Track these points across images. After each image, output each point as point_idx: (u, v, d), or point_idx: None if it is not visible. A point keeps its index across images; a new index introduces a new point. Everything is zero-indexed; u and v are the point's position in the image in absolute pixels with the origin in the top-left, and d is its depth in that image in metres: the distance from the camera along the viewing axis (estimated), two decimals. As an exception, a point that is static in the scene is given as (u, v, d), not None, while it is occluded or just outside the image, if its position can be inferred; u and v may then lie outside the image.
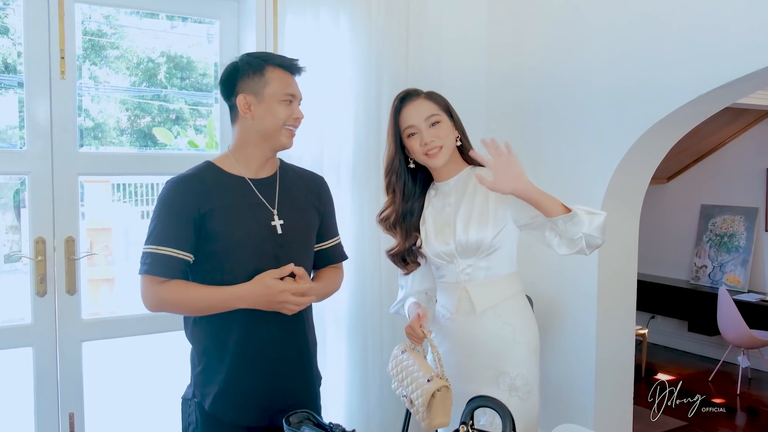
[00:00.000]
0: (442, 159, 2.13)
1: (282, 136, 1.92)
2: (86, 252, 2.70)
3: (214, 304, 1.83)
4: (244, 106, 1.90)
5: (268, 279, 1.82)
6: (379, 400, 2.99)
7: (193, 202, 1.84)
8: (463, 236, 2.12)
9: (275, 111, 1.89)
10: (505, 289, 2.15)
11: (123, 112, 3.50)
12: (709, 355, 6.29)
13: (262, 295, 1.82)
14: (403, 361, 2.12)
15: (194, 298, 1.83)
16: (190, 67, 3.51)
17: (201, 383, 1.91)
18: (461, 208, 2.16)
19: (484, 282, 2.15)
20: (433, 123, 2.12)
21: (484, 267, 2.15)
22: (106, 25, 3.37)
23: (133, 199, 5.73)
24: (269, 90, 1.88)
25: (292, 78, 1.94)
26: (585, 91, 2.80)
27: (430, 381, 1.95)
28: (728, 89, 2.44)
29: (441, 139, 2.11)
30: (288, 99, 1.90)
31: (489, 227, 2.09)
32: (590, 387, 2.83)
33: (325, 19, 2.82)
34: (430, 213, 2.24)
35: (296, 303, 1.84)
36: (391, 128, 2.18)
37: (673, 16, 2.49)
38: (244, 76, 1.91)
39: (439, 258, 2.21)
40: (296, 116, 1.93)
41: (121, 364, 3.75)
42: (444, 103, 2.18)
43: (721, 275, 6.19)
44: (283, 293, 1.81)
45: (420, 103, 2.15)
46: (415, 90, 2.21)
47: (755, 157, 6.07)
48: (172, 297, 1.83)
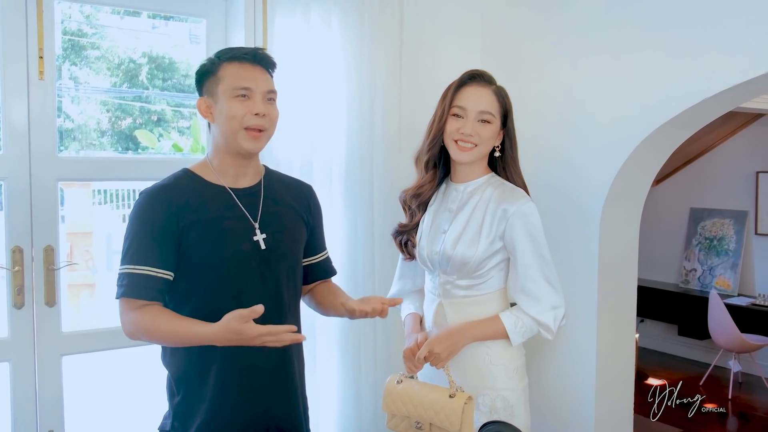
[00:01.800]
0: (468, 157, 2.02)
1: (240, 139, 1.72)
2: (66, 261, 2.57)
3: (185, 339, 1.66)
4: (204, 109, 1.78)
5: (235, 324, 1.55)
6: (373, 417, 2.89)
7: (171, 215, 1.69)
8: (450, 250, 2.02)
9: (228, 109, 1.71)
10: (486, 308, 2.04)
11: (104, 113, 3.42)
12: (700, 359, 6.27)
13: (231, 340, 1.58)
14: (405, 392, 2.00)
15: (165, 331, 1.65)
16: (172, 68, 3.42)
17: (181, 414, 1.76)
18: (457, 219, 2.06)
19: (463, 300, 2.05)
20: (483, 120, 2.00)
21: (463, 286, 2.04)
22: (87, 24, 3.28)
23: (114, 203, 5.62)
24: (221, 87, 1.73)
25: (250, 70, 1.74)
26: (586, 93, 2.73)
27: (452, 397, 1.90)
28: (734, 92, 2.38)
29: (480, 139, 2.00)
30: (241, 93, 1.71)
31: (479, 247, 1.99)
32: (590, 398, 2.75)
33: (316, 19, 2.71)
34: (431, 212, 2.14)
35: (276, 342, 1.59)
36: (447, 100, 2.04)
37: (677, 15, 2.42)
38: (204, 77, 1.78)
39: (425, 264, 2.13)
40: (255, 111, 1.71)
41: (103, 379, 3.63)
42: (506, 108, 2.05)
43: (711, 279, 6.17)
44: (258, 338, 1.57)
45: (484, 93, 2.02)
46: (489, 77, 2.07)
47: (745, 160, 6.06)
48: (146, 326, 1.66)
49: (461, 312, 2.05)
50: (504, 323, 1.98)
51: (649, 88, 2.52)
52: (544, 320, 1.98)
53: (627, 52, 2.57)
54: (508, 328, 1.97)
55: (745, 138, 6.07)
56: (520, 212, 1.97)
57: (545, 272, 1.99)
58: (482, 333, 1.99)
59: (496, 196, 2.02)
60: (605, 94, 2.66)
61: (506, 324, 1.98)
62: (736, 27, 2.25)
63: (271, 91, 1.78)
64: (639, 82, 2.54)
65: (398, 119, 2.90)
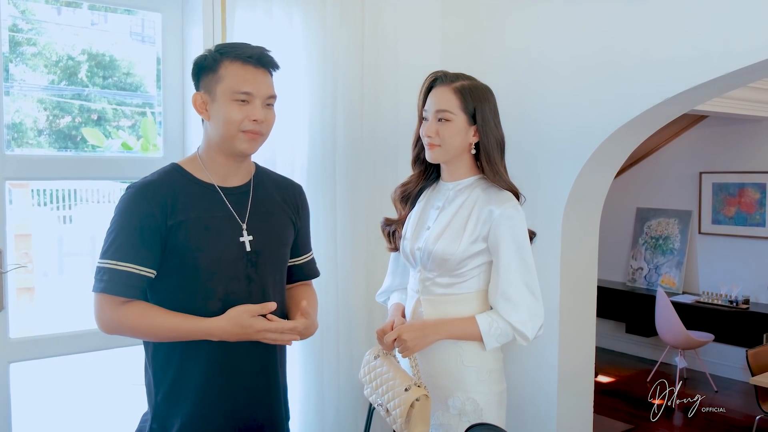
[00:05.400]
0: (434, 156, 2.02)
1: (238, 142, 1.69)
2: (14, 264, 2.45)
3: (179, 334, 1.64)
4: (200, 105, 1.72)
5: (245, 318, 1.62)
6: (335, 421, 2.85)
7: (158, 213, 1.63)
8: (432, 245, 2.00)
9: (226, 112, 1.66)
10: (463, 308, 2.01)
11: (41, 111, 3.30)
12: (647, 356, 6.40)
13: (236, 334, 1.62)
14: (377, 367, 2.01)
15: (158, 326, 1.63)
16: (113, 65, 3.33)
17: (162, 415, 1.71)
18: (441, 215, 2.05)
19: (440, 298, 2.03)
20: (440, 119, 1.98)
21: (443, 284, 2.02)
22: (22, 20, 3.16)
23: (54, 204, 5.42)
24: (221, 87, 1.67)
25: (253, 73, 1.69)
26: (548, 93, 2.73)
27: (408, 390, 1.86)
28: (692, 94, 2.42)
29: (440, 138, 1.98)
30: (241, 98, 1.66)
31: (460, 244, 1.96)
32: (552, 398, 2.76)
33: (278, 15, 2.65)
34: (418, 209, 2.13)
35: (275, 339, 1.66)
36: (418, 105, 2.07)
37: (638, 19, 2.45)
38: (202, 71, 1.72)
39: (407, 259, 2.12)
40: (254, 117, 1.67)
41: (54, 387, 3.48)
42: (472, 104, 1.98)
43: (657, 277, 6.32)
44: (262, 333, 1.63)
45: (441, 93, 1.99)
46: (450, 76, 2.03)
47: (689, 161, 6.22)
48: (131, 322, 1.62)
49: (438, 310, 2.02)
50: (479, 325, 1.95)
51: (610, 88, 2.54)
52: (520, 327, 1.95)
53: (590, 53, 2.59)
54: (482, 330, 1.94)
55: (688, 139, 6.24)
56: (506, 215, 1.94)
57: (526, 279, 1.96)
58: (455, 331, 1.97)
59: (484, 197, 2.00)
60: (567, 94, 2.67)
61: (481, 326, 1.95)
62: (692, 32, 2.29)
63: (271, 96, 1.74)
64: (600, 82, 2.57)
65: (360, 116, 2.87)
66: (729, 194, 5.95)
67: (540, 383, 2.80)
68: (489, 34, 2.96)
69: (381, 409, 1.97)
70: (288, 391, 1.94)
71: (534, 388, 2.82)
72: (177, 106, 2.69)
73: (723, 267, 6.03)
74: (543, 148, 2.76)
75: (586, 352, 2.90)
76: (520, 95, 2.82)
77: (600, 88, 2.57)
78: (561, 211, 2.71)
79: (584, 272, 2.87)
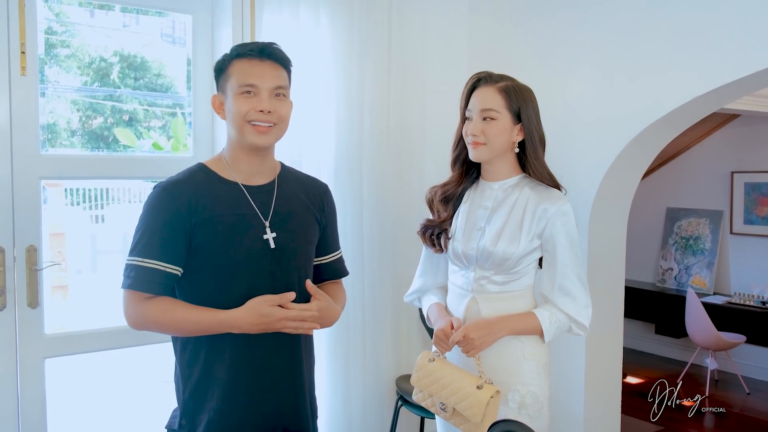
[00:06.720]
0: (479, 155, 2.05)
1: (247, 134, 1.71)
2: (49, 262, 2.51)
3: (201, 327, 1.67)
4: (217, 106, 1.79)
5: (264, 307, 1.65)
6: (362, 419, 2.87)
7: (183, 211, 1.67)
8: (491, 246, 2.03)
9: (233, 106, 1.71)
10: (518, 304, 2.06)
11: (74, 112, 3.37)
12: (677, 357, 6.33)
13: (256, 324, 1.65)
14: (436, 370, 2.03)
15: (181, 320, 1.66)
16: (144, 67, 3.38)
17: (190, 410, 1.74)
18: (495, 216, 2.07)
19: (496, 296, 2.06)
20: (485, 118, 2.01)
21: (499, 282, 2.06)
22: (56, 22, 3.23)
23: (86, 203, 5.51)
24: (230, 85, 1.72)
25: (257, 66, 1.72)
26: (575, 95, 2.73)
27: (480, 388, 1.90)
28: (719, 93, 2.40)
29: (486, 137, 2.01)
30: (245, 90, 1.70)
31: (520, 244, 2.01)
32: (579, 399, 2.75)
33: (305, 16, 2.68)
34: (464, 210, 2.14)
35: (297, 328, 1.69)
36: (461, 105, 2.10)
37: (666, 18, 2.44)
38: (218, 74, 1.78)
39: (459, 260, 2.12)
40: (259, 108, 1.69)
41: (88, 382, 3.54)
42: (516, 103, 2.02)
43: (687, 278, 6.24)
44: (282, 321, 1.66)
45: (486, 92, 2.03)
46: (495, 76, 2.07)
47: (720, 160, 6.14)
48: (156, 316, 1.66)
49: (494, 307, 2.06)
50: (539, 319, 2.00)
51: (638, 88, 2.52)
52: (579, 319, 2.03)
53: (618, 51, 2.58)
54: (543, 323, 2.00)
55: (720, 138, 6.15)
56: (561, 212, 2.01)
57: (578, 272, 2.04)
58: (518, 327, 2.02)
59: (535, 195, 2.04)
60: (594, 93, 2.66)
61: (541, 320, 2.00)
62: (722, 29, 2.27)
63: (279, 86, 1.75)
64: (627, 83, 2.55)
65: (387, 117, 2.88)
66: (762, 194, 5.85)
67: (568, 384, 2.79)
68: (515, 33, 2.96)
69: (444, 410, 1.98)
70: (315, 388, 1.96)
71: (562, 389, 2.81)
72: (207, 107, 2.73)
73: (755, 268, 5.94)
74: (569, 148, 2.75)
75: (613, 353, 2.89)
76: (547, 95, 2.81)
77: (628, 86, 2.56)
78: (588, 211, 2.70)
79: (612, 272, 2.86)
